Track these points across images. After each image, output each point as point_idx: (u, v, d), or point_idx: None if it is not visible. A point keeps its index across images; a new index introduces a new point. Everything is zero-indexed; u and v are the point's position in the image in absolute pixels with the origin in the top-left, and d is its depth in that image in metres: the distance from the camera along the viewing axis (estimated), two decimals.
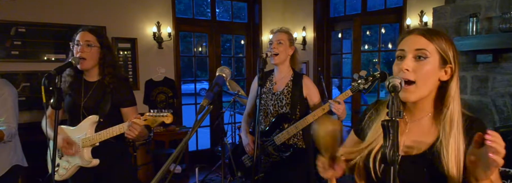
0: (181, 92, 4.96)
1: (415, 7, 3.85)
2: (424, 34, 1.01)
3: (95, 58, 1.89)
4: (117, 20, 4.17)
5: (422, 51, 1.00)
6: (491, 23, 2.92)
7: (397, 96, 0.85)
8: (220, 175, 4.39)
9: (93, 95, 1.93)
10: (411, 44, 1.01)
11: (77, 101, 1.94)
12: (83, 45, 1.85)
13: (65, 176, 1.92)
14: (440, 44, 1.01)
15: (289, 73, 2.38)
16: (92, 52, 1.87)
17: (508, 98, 2.87)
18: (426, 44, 1.00)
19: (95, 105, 1.90)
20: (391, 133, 0.82)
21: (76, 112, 1.93)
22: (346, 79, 5.19)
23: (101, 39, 1.90)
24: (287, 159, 2.26)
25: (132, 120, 1.68)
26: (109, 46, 1.95)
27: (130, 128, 1.69)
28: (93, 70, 1.94)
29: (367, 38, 10.98)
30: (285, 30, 2.39)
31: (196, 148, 5.14)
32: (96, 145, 1.85)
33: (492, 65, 2.93)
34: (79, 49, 1.84)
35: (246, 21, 5.44)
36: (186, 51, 7.58)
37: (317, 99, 2.30)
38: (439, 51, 1.01)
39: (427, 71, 1.00)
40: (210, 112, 0.97)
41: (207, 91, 1.04)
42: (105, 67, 1.92)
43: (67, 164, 1.92)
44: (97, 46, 1.89)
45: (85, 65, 1.87)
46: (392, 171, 0.82)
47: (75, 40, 1.88)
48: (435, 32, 1.03)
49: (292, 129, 2.20)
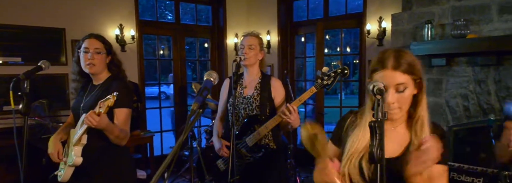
0: (145, 95, 4.85)
1: (374, 13, 4.05)
2: (397, 67, 1.12)
3: (104, 63, 2.01)
4: (77, 22, 4.01)
5: (402, 85, 1.12)
6: (444, 30, 3.16)
7: (383, 99, 0.92)
8: (187, 179, 4.35)
9: (93, 96, 1.98)
10: (391, 80, 1.12)
11: (79, 103, 2.01)
12: (93, 52, 1.95)
13: (63, 177, 1.92)
14: (413, 72, 1.13)
15: (257, 76, 2.43)
16: (101, 58, 1.98)
17: (460, 98, 3.11)
18: (403, 77, 1.12)
19: (91, 105, 1.92)
20: (378, 133, 0.88)
21: (78, 114, 2.00)
22: (310, 82, 5.33)
23: (107, 46, 2.02)
24: (260, 160, 2.31)
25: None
26: (114, 52, 2.08)
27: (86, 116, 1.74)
28: (100, 74, 2.04)
29: (326, 42, 11.35)
30: (256, 35, 2.43)
31: (161, 153, 5.04)
32: (83, 143, 1.85)
33: (446, 68, 3.17)
34: (89, 56, 1.95)
35: (211, 24, 5.44)
36: (149, 54, 7.45)
37: (282, 99, 2.37)
38: (413, 78, 1.14)
39: (407, 97, 1.14)
40: (175, 116, 0.99)
41: (197, 95, 1.05)
42: (110, 72, 2.05)
43: (64, 165, 1.96)
44: (105, 52, 2.00)
45: (94, 70, 1.98)
46: (379, 169, 0.88)
47: (83, 47, 1.97)
48: (403, 58, 1.13)
49: (263, 129, 2.25)
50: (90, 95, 2.01)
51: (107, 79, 2.03)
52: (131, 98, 2.08)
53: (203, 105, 1.04)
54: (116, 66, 2.06)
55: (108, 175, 1.97)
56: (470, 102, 3.04)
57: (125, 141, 1.97)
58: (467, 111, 3.07)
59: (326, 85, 2.12)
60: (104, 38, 2.04)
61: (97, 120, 1.70)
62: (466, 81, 3.05)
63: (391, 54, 1.14)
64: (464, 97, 3.08)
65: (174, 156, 0.93)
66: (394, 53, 1.14)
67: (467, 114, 3.08)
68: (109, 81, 2.02)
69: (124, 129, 1.92)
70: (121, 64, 2.11)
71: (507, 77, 2.82)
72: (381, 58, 1.15)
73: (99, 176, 1.95)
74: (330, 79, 2.11)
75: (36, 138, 3.24)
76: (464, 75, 3.06)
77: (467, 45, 2.84)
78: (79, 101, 2.03)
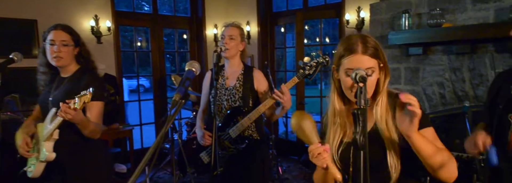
0: (123, 88, 4.75)
1: (353, 3, 4.08)
2: (366, 52, 1.15)
3: (71, 56, 1.94)
4: (50, 13, 3.87)
5: (371, 69, 1.16)
6: (421, 19, 3.21)
7: (365, 86, 0.92)
8: (169, 172, 4.32)
9: (63, 89, 1.92)
10: (360, 64, 1.14)
11: (47, 96, 1.95)
12: (59, 45, 1.88)
13: (34, 173, 1.87)
14: (378, 56, 1.17)
15: (239, 67, 2.41)
16: (68, 51, 1.91)
17: (436, 86, 3.19)
18: (371, 62, 1.16)
19: (61, 98, 1.86)
20: (361, 120, 0.89)
21: (46, 107, 1.94)
22: (290, 72, 5.35)
23: (75, 37, 1.94)
24: (244, 151, 2.31)
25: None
26: (83, 43, 2.00)
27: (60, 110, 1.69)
28: (68, 67, 1.97)
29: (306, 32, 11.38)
30: (237, 25, 2.40)
31: (141, 146, 4.98)
32: (55, 138, 1.82)
33: (422, 57, 3.23)
34: (55, 49, 1.87)
35: (189, 15, 5.35)
36: (127, 46, 7.23)
37: (266, 89, 2.36)
38: (379, 62, 1.18)
39: (373, 81, 1.18)
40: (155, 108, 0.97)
41: (178, 86, 1.03)
42: (79, 64, 1.99)
43: (35, 160, 1.89)
44: (72, 44, 1.93)
45: (61, 63, 1.91)
46: (363, 155, 0.89)
47: (49, 40, 1.89)
48: (369, 43, 1.17)
49: (246, 120, 2.24)
50: (59, 88, 1.95)
51: (77, 71, 1.98)
52: (103, 90, 2.02)
53: (186, 96, 1.02)
54: (84, 58, 1.99)
55: (83, 169, 1.93)
56: (445, 90, 3.13)
57: (99, 134, 1.93)
58: (443, 98, 3.16)
59: (308, 75, 2.13)
60: (71, 29, 1.96)
61: (73, 114, 1.65)
62: (442, 69, 3.13)
63: (358, 40, 1.17)
64: (440, 84, 3.16)
65: (156, 149, 0.91)
66: (360, 39, 1.17)
67: (443, 101, 3.16)
68: (79, 73, 1.96)
69: (97, 123, 1.89)
70: (90, 56, 2.04)
71: (480, 65, 2.91)
72: (348, 44, 1.18)
73: (73, 171, 1.91)
74: (312, 69, 2.11)
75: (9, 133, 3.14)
76: (440, 64, 3.14)
77: (443, 34, 2.90)
78: (47, 94, 1.97)
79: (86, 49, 2.01)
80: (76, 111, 1.65)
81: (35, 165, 1.88)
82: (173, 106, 0.99)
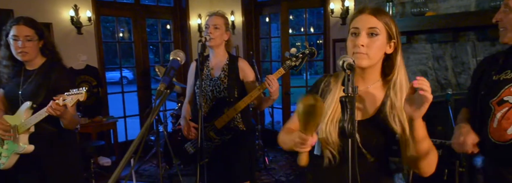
0: (105, 80, 4.66)
1: None
2: (374, 13, 1.14)
3: (36, 49, 1.94)
4: (26, 3, 3.72)
5: (374, 29, 1.12)
6: (405, 8, 3.23)
7: (353, 74, 0.91)
8: (154, 164, 4.29)
9: (32, 83, 1.92)
10: (365, 23, 1.13)
11: (16, 89, 1.95)
12: (24, 40, 1.87)
13: (6, 165, 1.89)
14: (387, 23, 1.14)
15: (224, 57, 2.38)
16: (33, 45, 1.91)
17: (419, 75, 3.23)
18: (377, 23, 1.13)
19: (32, 92, 1.89)
20: (349, 107, 0.88)
21: (15, 100, 1.94)
22: (275, 62, 5.34)
23: (39, 31, 1.93)
24: (230, 142, 2.30)
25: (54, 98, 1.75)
26: (47, 36, 2.00)
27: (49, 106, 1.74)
28: (34, 60, 1.97)
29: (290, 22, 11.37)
30: (221, 14, 2.36)
31: (125, 139, 4.92)
32: (31, 131, 1.85)
33: (406, 46, 3.26)
34: (20, 44, 1.86)
35: (172, 5, 5.25)
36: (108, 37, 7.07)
37: (252, 79, 2.35)
38: (386, 29, 1.14)
39: (377, 46, 1.13)
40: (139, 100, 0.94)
41: (163, 75, 1.00)
42: (45, 56, 1.99)
43: (7, 152, 1.90)
44: (37, 39, 1.92)
45: (27, 57, 1.91)
46: (351, 144, 0.89)
47: (12, 35, 1.86)
48: (382, 11, 1.16)
49: (231, 111, 2.23)
50: (28, 81, 1.95)
51: (44, 64, 1.98)
52: (73, 80, 2.08)
53: (171, 86, 1.00)
54: (49, 50, 2.00)
55: (57, 160, 1.97)
56: (429, 78, 3.17)
57: (77, 124, 2.01)
58: None
59: (295, 66, 2.12)
60: (34, 23, 1.94)
61: (62, 110, 1.71)
62: (425, 58, 3.17)
63: (371, 6, 1.18)
64: (423, 73, 3.20)
65: (141, 140, 0.88)
66: (374, 6, 1.19)
67: None
68: (46, 66, 1.97)
69: (73, 113, 1.93)
70: (55, 47, 2.04)
71: (462, 53, 2.95)
72: (360, 7, 1.19)
73: (47, 161, 1.95)
74: (299, 61, 2.11)
75: None
76: (424, 52, 3.17)
77: (426, 23, 2.93)
78: (15, 87, 1.96)
79: (50, 41, 2.02)
80: (66, 108, 1.71)
81: (8, 157, 1.89)
82: (157, 96, 0.96)
